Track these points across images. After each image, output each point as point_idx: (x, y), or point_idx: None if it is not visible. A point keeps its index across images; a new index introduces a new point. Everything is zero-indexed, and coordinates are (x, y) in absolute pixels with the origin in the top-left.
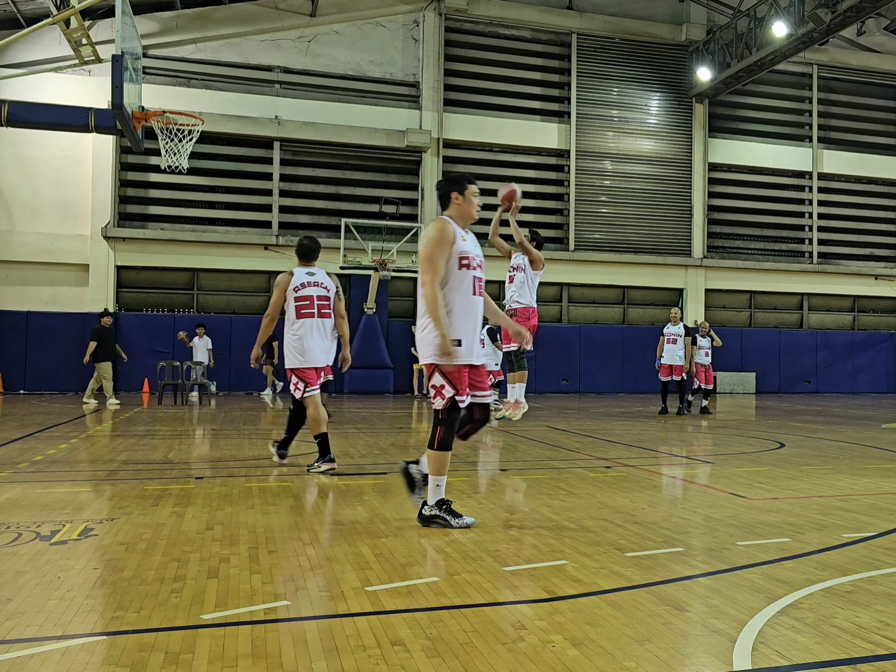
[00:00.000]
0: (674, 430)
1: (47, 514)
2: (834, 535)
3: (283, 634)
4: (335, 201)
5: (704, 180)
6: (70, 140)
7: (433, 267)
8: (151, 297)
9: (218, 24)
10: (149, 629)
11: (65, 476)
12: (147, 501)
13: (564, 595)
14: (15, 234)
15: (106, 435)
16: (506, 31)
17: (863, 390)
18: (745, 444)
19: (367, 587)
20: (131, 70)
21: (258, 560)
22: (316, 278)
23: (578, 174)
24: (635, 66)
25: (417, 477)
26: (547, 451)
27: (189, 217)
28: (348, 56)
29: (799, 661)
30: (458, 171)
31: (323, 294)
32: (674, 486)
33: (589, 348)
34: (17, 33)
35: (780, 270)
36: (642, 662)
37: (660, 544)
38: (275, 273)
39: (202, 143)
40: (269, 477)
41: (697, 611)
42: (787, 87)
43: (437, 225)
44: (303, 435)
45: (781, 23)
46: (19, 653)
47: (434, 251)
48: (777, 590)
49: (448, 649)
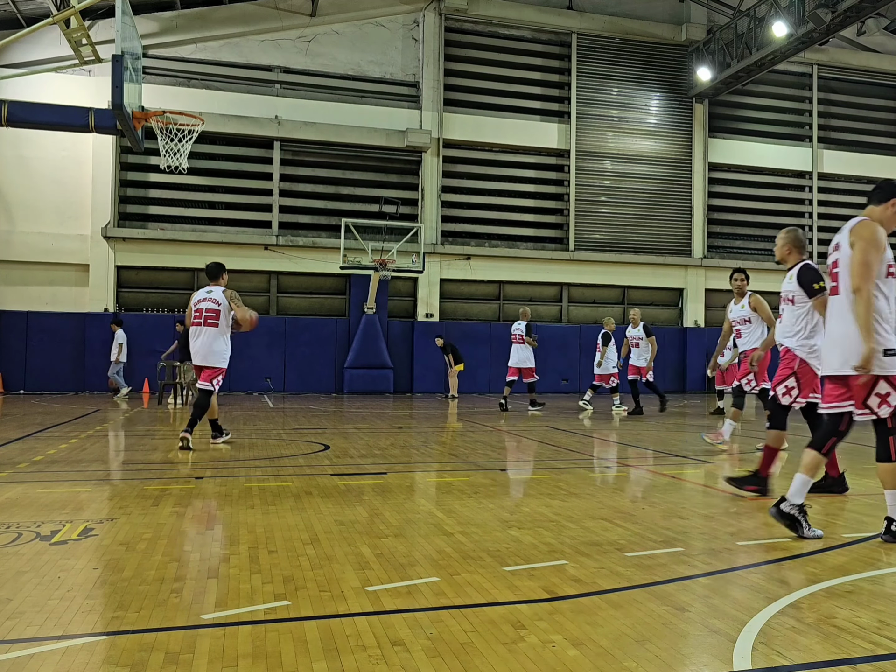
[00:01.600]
0: (674, 429)
1: (47, 514)
2: (834, 535)
3: (283, 634)
4: (335, 201)
5: (704, 180)
6: (70, 140)
7: (870, 272)
8: (151, 297)
9: (218, 24)
10: (149, 629)
11: (65, 476)
12: (147, 501)
13: (564, 595)
14: (15, 234)
15: (106, 435)
16: (506, 31)
17: None
18: (745, 444)
19: (367, 587)
20: (131, 70)
21: (258, 560)
22: (212, 295)
23: (578, 174)
24: (635, 66)
25: (796, 513)
26: (547, 451)
27: (189, 217)
28: (348, 56)
29: (799, 660)
30: (458, 170)
31: (213, 307)
32: (674, 486)
33: (589, 348)
34: (17, 33)
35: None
36: (642, 662)
37: (660, 544)
38: (275, 273)
39: (202, 143)
40: (269, 477)
41: (697, 611)
42: (787, 87)
43: (870, 228)
44: (301, 435)
45: (781, 23)
46: (19, 653)
47: (871, 256)
48: (777, 590)
49: (448, 649)
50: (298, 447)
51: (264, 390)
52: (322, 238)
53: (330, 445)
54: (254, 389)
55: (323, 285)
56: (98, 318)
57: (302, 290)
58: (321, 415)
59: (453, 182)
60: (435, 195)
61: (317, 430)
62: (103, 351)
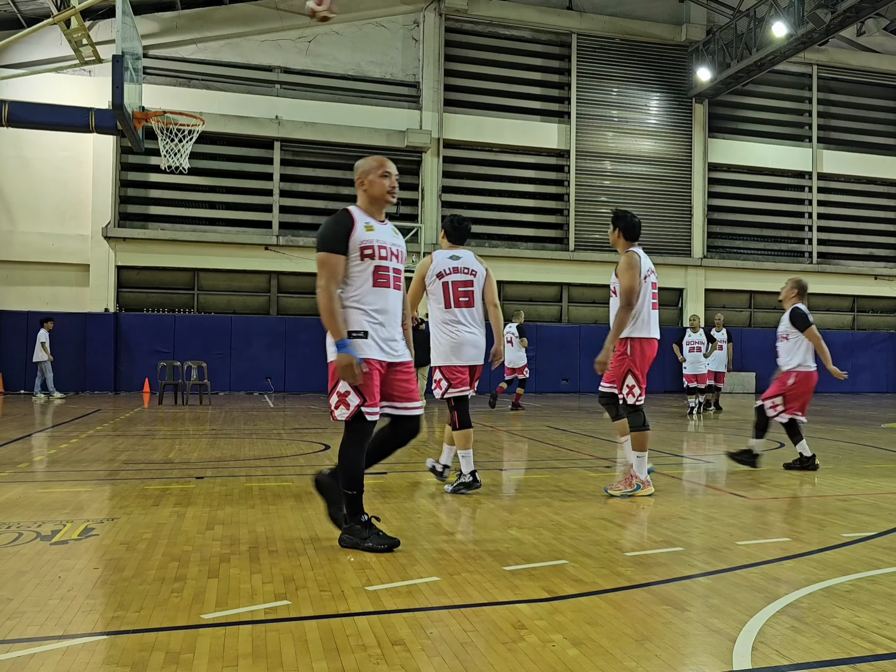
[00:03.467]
0: (673, 429)
1: (48, 513)
2: (834, 535)
3: (283, 634)
4: (336, 201)
5: (704, 180)
6: (71, 140)
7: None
8: (152, 297)
9: (218, 24)
10: (149, 629)
11: (65, 476)
12: (148, 501)
13: (564, 595)
14: (15, 234)
15: (106, 435)
16: (506, 31)
17: (862, 390)
18: (745, 444)
19: (367, 587)
20: (132, 70)
21: (258, 560)
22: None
23: (578, 174)
24: (635, 66)
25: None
26: (547, 451)
27: (189, 217)
28: (348, 56)
29: (799, 660)
30: (458, 170)
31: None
32: (674, 485)
33: (589, 348)
34: (17, 33)
35: (779, 270)
36: (642, 662)
37: (660, 544)
38: (275, 273)
39: (202, 144)
40: (269, 477)
41: (697, 610)
42: (787, 87)
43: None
44: (301, 435)
45: (781, 23)
46: (20, 652)
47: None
48: (777, 590)
49: (448, 649)
50: (299, 447)
51: (264, 390)
52: None
53: (330, 445)
54: (254, 389)
55: None
56: (99, 318)
57: (302, 290)
58: (322, 415)
59: (453, 182)
60: (435, 195)
61: (317, 430)
62: (104, 351)
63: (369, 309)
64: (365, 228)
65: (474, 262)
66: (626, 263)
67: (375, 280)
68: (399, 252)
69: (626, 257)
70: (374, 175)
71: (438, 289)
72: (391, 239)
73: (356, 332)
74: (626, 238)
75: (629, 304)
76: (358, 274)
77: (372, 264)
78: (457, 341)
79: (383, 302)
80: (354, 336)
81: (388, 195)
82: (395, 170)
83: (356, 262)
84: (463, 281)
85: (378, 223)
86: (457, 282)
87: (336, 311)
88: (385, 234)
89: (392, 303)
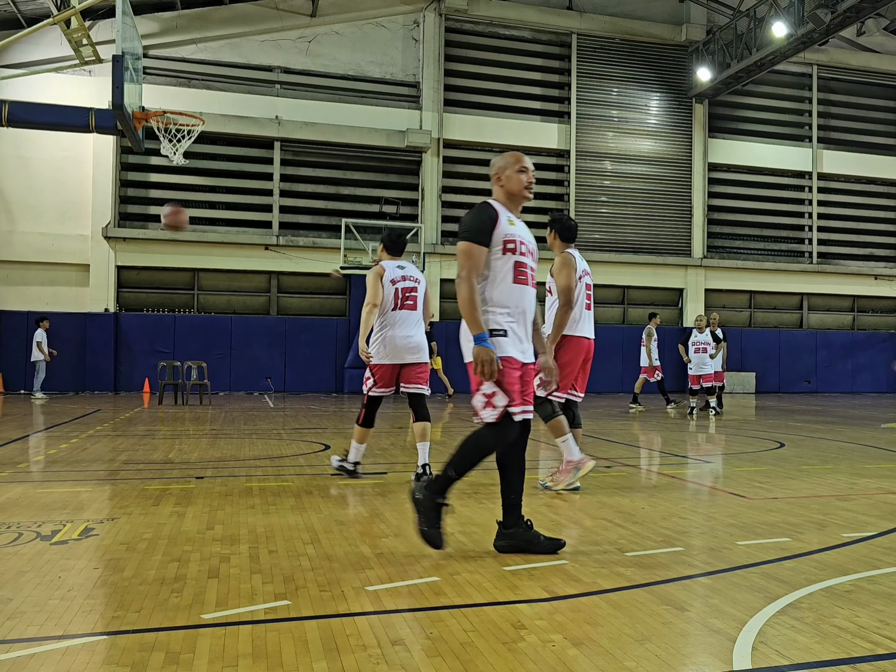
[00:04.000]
0: (674, 429)
1: (48, 513)
2: (834, 535)
3: (283, 634)
4: (335, 201)
5: (704, 180)
6: (71, 140)
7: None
8: (152, 297)
9: (218, 24)
10: (149, 629)
11: (65, 476)
12: (147, 501)
13: (564, 595)
14: (15, 234)
15: (106, 435)
16: (506, 31)
17: (862, 390)
18: (745, 444)
19: (367, 587)
20: (132, 70)
21: (258, 560)
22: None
23: (578, 174)
24: (635, 66)
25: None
26: (547, 451)
27: (189, 217)
28: (348, 56)
29: (799, 660)
30: (458, 170)
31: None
32: (674, 485)
33: None
34: (17, 33)
35: (779, 270)
36: (642, 662)
37: (660, 544)
38: (275, 273)
39: (203, 143)
40: (269, 477)
41: (697, 610)
42: (787, 87)
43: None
44: (301, 435)
45: (781, 23)
46: (19, 652)
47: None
48: (777, 589)
49: (448, 649)
50: (299, 447)
51: (264, 390)
52: (322, 238)
53: (330, 445)
54: (254, 389)
55: (323, 285)
56: (99, 318)
57: (302, 290)
58: (321, 415)
59: (453, 182)
60: (435, 195)
61: (317, 430)
62: (104, 351)
63: (510, 305)
64: (508, 222)
65: (416, 272)
66: (560, 263)
67: (515, 276)
68: (534, 251)
69: (561, 257)
70: (512, 170)
71: (390, 293)
72: (528, 236)
73: (497, 331)
74: (562, 239)
75: (568, 302)
76: (499, 269)
77: (512, 259)
78: (393, 342)
79: (521, 299)
80: (495, 335)
81: (525, 190)
82: (531, 165)
83: (497, 256)
84: (409, 287)
85: (517, 219)
86: (405, 287)
87: (477, 302)
88: (524, 231)
89: (528, 301)
